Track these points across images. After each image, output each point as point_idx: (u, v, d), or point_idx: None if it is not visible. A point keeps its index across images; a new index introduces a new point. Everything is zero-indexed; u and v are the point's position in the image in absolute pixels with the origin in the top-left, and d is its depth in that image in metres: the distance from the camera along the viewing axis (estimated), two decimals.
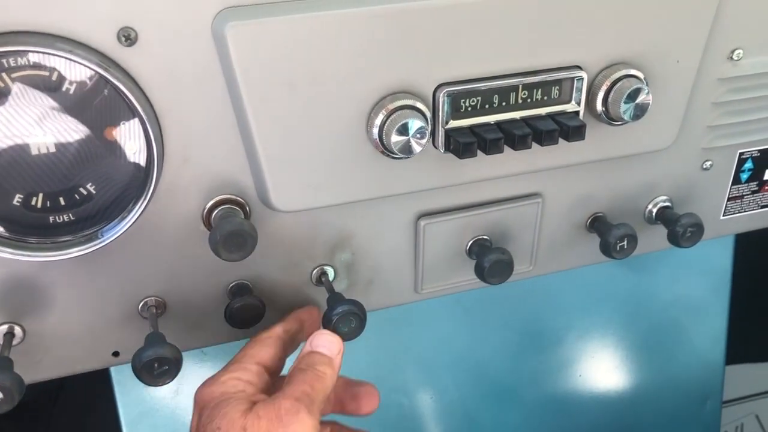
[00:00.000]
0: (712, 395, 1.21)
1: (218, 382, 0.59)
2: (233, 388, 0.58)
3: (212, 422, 0.55)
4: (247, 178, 0.61)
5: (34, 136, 0.54)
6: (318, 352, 0.60)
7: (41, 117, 0.53)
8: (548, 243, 0.76)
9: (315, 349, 0.60)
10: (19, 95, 0.52)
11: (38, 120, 0.53)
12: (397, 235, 0.70)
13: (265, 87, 0.55)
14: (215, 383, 0.59)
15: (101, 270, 0.61)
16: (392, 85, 0.58)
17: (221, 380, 0.59)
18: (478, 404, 1.11)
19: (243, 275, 0.66)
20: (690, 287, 1.16)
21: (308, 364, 0.59)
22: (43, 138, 0.54)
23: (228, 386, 0.58)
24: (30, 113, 0.53)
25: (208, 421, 0.55)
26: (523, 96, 0.62)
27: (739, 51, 0.70)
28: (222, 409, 0.55)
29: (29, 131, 0.54)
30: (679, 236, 0.74)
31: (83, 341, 0.65)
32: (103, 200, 0.58)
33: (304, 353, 0.60)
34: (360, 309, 0.64)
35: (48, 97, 0.53)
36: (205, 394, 0.58)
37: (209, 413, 0.56)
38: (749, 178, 0.81)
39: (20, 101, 0.52)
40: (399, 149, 0.58)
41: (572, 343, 1.14)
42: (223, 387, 0.58)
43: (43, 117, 0.53)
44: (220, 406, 0.56)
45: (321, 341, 0.61)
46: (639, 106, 0.63)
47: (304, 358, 0.60)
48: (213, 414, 0.56)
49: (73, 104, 0.54)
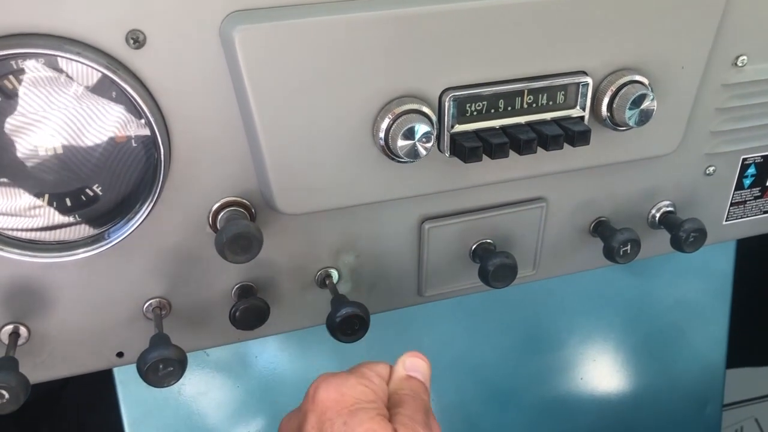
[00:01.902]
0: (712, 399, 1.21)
1: (346, 384, 0.55)
2: (364, 395, 0.55)
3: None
4: (253, 181, 0.61)
5: (42, 138, 0.54)
6: (415, 378, 0.59)
7: (49, 118, 0.54)
8: (552, 247, 0.76)
9: (411, 374, 0.59)
10: (27, 97, 0.52)
11: (46, 121, 0.54)
12: (402, 239, 0.70)
13: (272, 90, 0.56)
14: (344, 386, 0.55)
15: (107, 271, 0.62)
16: (398, 90, 0.59)
17: (349, 383, 0.55)
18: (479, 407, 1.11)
19: (248, 277, 0.67)
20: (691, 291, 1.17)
21: (413, 391, 0.58)
22: (51, 139, 0.54)
23: (358, 391, 0.55)
24: (38, 115, 0.53)
25: (345, 429, 0.52)
26: (529, 101, 0.62)
27: (744, 57, 0.70)
28: (365, 423, 0.52)
29: (37, 132, 0.54)
30: (682, 241, 0.75)
31: (88, 342, 0.65)
32: (110, 202, 0.58)
33: (402, 376, 0.59)
34: (364, 311, 0.64)
35: (56, 98, 0.53)
36: (333, 393, 0.54)
37: (345, 420, 0.52)
38: (752, 184, 0.81)
39: (28, 103, 0.53)
40: (405, 153, 0.58)
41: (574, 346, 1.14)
42: (354, 391, 0.55)
43: (51, 118, 0.54)
44: (358, 415, 0.53)
45: (413, 364, 0.60)
46: (644, 112, 0.64)
47: (405, 383, 0.59)
48: (352, 424, 0.52)
49: (81, 106, 0.54)
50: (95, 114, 0.55)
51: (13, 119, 0.53)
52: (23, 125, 0.53)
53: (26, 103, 0.53)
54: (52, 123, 0.54)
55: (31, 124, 0.53)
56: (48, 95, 0.53)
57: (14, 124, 0.53)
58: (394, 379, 0.59)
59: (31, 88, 0.52)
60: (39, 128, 0.54)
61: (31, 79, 0.52)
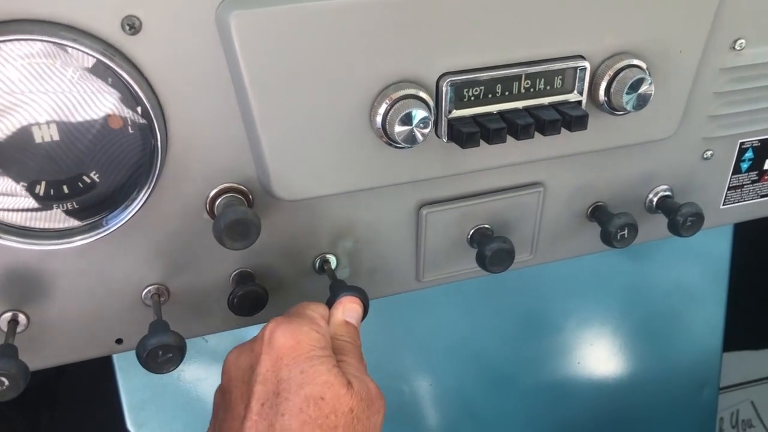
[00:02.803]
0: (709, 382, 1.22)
1: (301, 331, 0.56)
2: (318, 343, 0.56)
3: (312, 386, 0.53)
4: (251, 167, 0.61)
5: (38, 124, 0.54)
6: (351, 324, 0.62)
7: (45, 105, 0.53)
8: (549, 232, 0.77)
9: (348, 320, 0.62)
10: (22, 84, 0.52)
11: (42, 108, 0.53)
12: (399, 224, 0.70)
13: (268, 75, 0.55)
14: (299, 332, 0.56)
15: (105, 258, 0.62)
16: (396, 75, 0.58)
17: (303, 330, 0.56)
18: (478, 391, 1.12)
19: (246, 263, 0.67)
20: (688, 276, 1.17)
21: (351, 338, 0.60)
22: (47, 126, 0.54)
23: (313, 338, 0.56)
24: (34, 101, 0.53)
25: (304, 380, 0.53)
26: (526, 86, 0.62)
27: (742, 41, 0.70)
28: (323, 375, 0.53)
29: (33, 119, 0.54)
30: (679, 225, 0.75)
31: (87, 329, 0.65)
32: (107, 188, 0.58)
33: (340, 321, 0.61)
34: (363, 296, 0.64)
35: (51, 85, 0.53)
36: (289, 340, 0.55)
37: (302, 369, 0.53)
38: (749, 168, 0.81)
39: (24, 90, 0.52)
40: (402, 139, 0.58)
41: (571, 330, 1.14)
42: (309, 339, 0.55)
43: (47, 105, 0.53)
44: (315, 366, 0.54)
45: (350, 310, 0.62)
46: (641, 96, 0.64)
47: (344, 329, 0.61)
48: (310, 374, 0.53)
49: (77, 93, 0.54)
50: (91, 101, 0.54)
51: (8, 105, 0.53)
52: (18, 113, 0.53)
53: (21, 90, 0.52)
54: (47, 110, 0.54)
55: (26, 112, 0.53)
56: (44, 82, 0.53)
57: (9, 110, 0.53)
58: (334, 323, 0.61)
59: (26, 75, 0.52)
60: (35, 116, 0.53)
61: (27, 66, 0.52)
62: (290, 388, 0.53)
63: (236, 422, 0.54)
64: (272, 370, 0.54)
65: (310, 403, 0.52)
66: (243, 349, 0.58)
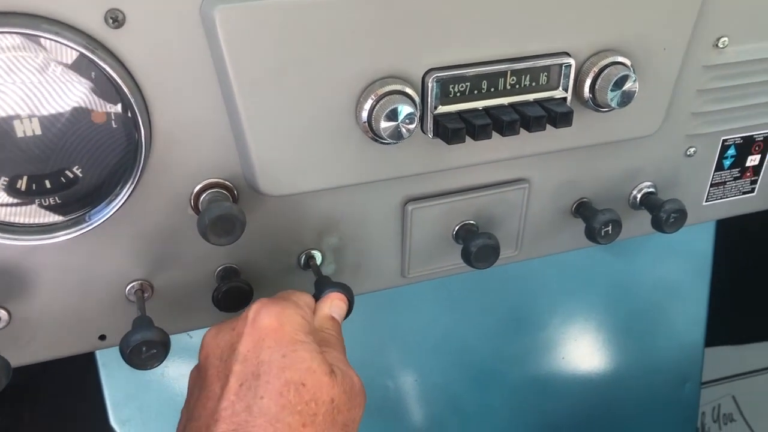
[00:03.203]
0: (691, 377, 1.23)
1: (286, 314, 0.56)
2: (302, 328, 0.56)
3: (293, 371, 0.52)
4: (236, 162, 0.61)
5: (20, 119, 0.53)
6: (336, 319, 0.62)
7: (27, 99, 0.53)
8: (534, 228, 0.77)
9: (335, 316, 0.62)
10: (4, 77, 0.52)
11: (24, 102, 0.53)
12: (385, 220, 0.70)
13: (253, 71, 0.55)
14: (284, 315, 0.55)
15: (88, 254, 0.61)
16: (381, 70, 0.58)
17: (288, 313, 0.56)
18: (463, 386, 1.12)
19: (231, 259, 0.66)
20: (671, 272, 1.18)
21: (336, 332, 0.60)
22: (29, 120, 0.54)
23: (296, 324, 0.56)
24: (15, 95, 0.52)
25: (286, 364, 0.53)
26: (512, 82, 0.62)
27: (725, 39, 0.70)
28: (306, 361, 0.53)
29: (15, 113, 0.53)
30: (662, 222, 0.75)
31: (70, 325, 0.64)
32: (90, 183, 0.58)
33: (327, 315, 0.61)
34: (348, 292, 0.64)
35: (34, 79, 0.52)
36: (274, 322, 0.55)
37: (285, 353, 0.53)
38: (732, 165, 0.82)
39: (5, 83, 0.52)
40: (388, 134, 0.58)
41: (555, 326, 1.15)
42: (293, 323, 0.55)
43: (29, 99, 0.53)
44: (298, 351, 0.53)
45: (340, 309, 0.63)
46: (626, 93, 0.64)
47: (329, 323, 0.61)
48: (292, 358, 0.53)
49: (60, 86, 0.53)
50: (74, 95, 0.54)
51: None
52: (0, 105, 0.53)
53: (3, 84, 0.52)
54: (30, 104, 0.53)
55: (8, 106, 0.53)
56: (25, 75, 0.52)
57: None
58: (320, 317, 0.61)
59: (7, 68, 0.51)
60: (16, 110, 0.53)
61: (8, 59, 0.51)
62: (271, 371, 0.52)
63: (212, 401, 0.53)
64: (253, 351, 0.54)
65: (291, 388, 0.52)
66: (223, 327, 0.58)
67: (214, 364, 0.56)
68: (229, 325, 0.57)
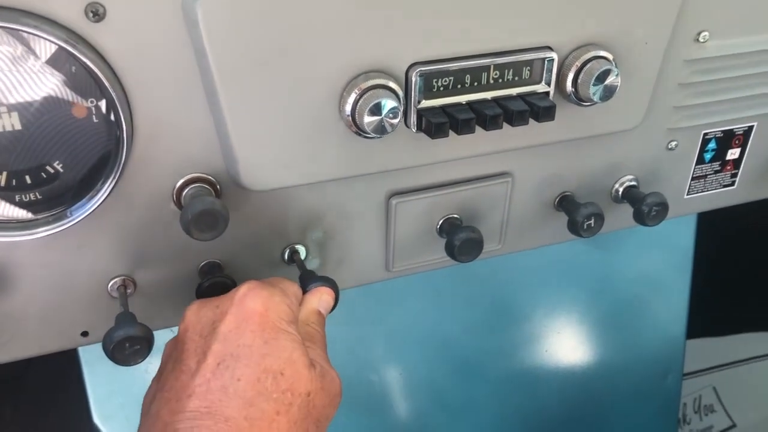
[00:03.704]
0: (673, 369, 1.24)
1: (273, 300, 0.56)
2: (287, 316, 0.56)
3: (273, 358, 0.52)
4: (218, 157, 0.61)
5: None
6: (321, 314, 0.61)
7: (6, 93, 0.52)
8: (517, 222, 0.77)
9: (322, 311, 0.62)
10: None
11: (3, 96, 0.52)
12: (369, 214, 0.70)
13: (236, 64, 0.55)
14: (271, 301, 0.55)
15: (70, 249, 0.61)
16: (365, 64, 0.58)
17: (275, 300, 0.56)
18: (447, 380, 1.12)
19: (214, 254, 0.66)
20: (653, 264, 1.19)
21: (320, 327, 0.60)
22: (8, 115, 0.53)
23: (282, 311, 0.56)
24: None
25: (267, 350, 0.53)
26: (495, 76, 0.62)
27: (705, 33, 0.71)
28: (287, 350, 0.53)
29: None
30: (644, 215, 0.76)
31: (52, 321, 0.64)
32: (71, 179, 0.57)
33: (314, 309, 0.61)
34: (334, 286, 0.64)
35: (13, 73, 0.52)
36: (260, 306, 0.55)
37: (267, 339, 0.53)
38: (712, 158, 0.83)
39: None
40: (372, 129, 0.58)
41: (539, 319, 1.16)
42: (278, 309, 0.55)
43: (8, 93, 0.52)
44: (280, 340, 0.53)
45: (327, 304, 0.63)
46: (608, 88, 0.64)
47: (315, 317, 0.61)
48: (273, 345, 0.53)
49: (40, 81, 0.52)
50: (54, 89, 0.53)
51: None
52: None
53: None
54: (9, 98, 0.52)
55: None
56: (4, 69, 0.51)
57: None
58: (307, 309, 0.61)
59: None
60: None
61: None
62: (251, 355, 0.52)
63: (185, 375, 0.53)
64: (235, 332, 0.54)
65: (269, 375, 0.52)
66: (207, 303, 0.57)
67: (192, 339, 0.55)
68: (214, 303, 0.57)
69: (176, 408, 0.51)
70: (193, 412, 0.50)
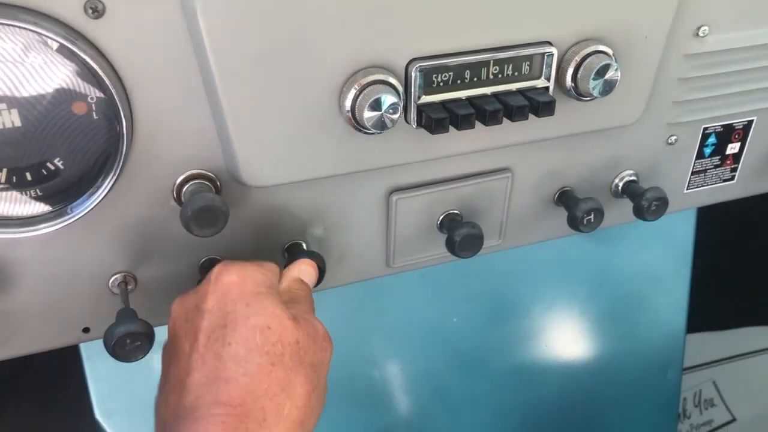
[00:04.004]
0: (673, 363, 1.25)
1: (247, 270, 0.57)
2: (264, 282, 0.57)
3: (258, 316, 0.54)
4: (218, 153, 0.61)
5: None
6: (305, 282, 0.63)
7: (6, 90, 0.52)
8: (517, 217, 0.77)
9: (305, 280, 0.63)
10: None
11: (3, 93, 0.52)
12: (369, 210, 0.70)
13: (235, 60, 0.55)
14: (245, 271, 0.57)
15: (71, 246, 0.61)
16: (364, 60, 0.58)
17: (250, 269, 0.57)
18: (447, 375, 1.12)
19: (214, 250, 0.66)
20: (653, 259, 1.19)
21: (306, 293, 0.62)
22: (8, 112, 0.53)
23: (259, 278, 0.57)
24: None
25: (250, 311, 0.54)
26: (494, 71, 0.62)
27: (705, 28, 0.71)
28: (269, 308, 0.55)
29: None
30: (644, 210, 0.76)
31: (53, 318, 0.64)
32: (72, 175, 0.57)
33: (295, 277, 0.63)
34: (319, 260, 0.65)
35: (13, 70, 0.52)
36: (234, 277, 0.56)
37: (248, 302, 0.55)
38: (712, 153, 0.83)
39: None
40: (371, 125, 0.58)
41: (538, 314, 1.16)
42: (255, 276, 0.57)
43: (8, 90, 0.52)
44: (261, 300, 0.55)
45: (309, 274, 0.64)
46: (607, 82, 0.64)
47: (297, 284, 0.62)
48: (255, 306, 0.54)
49: (39, 78, 0.52)
50: (54, 85, 0.53)
51: None
52: None
53: None
54: (9, 95, 0.52)
55: None
56: (4, 66, 0.51)
57: None
58: (288, 278, 0.63)
59: None
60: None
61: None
62: (237, 320, 0.54)
63: (183, 359, 0.55)
64: (218, 306, 0.55)
65: (257, 331, 0.54)
66: (188, 293, 0.59)
67: (181, 326, 0.57)
68: (193, 290, 0.59)
69: (180, 392, 0.53)
70: (195, 386, 0.53)
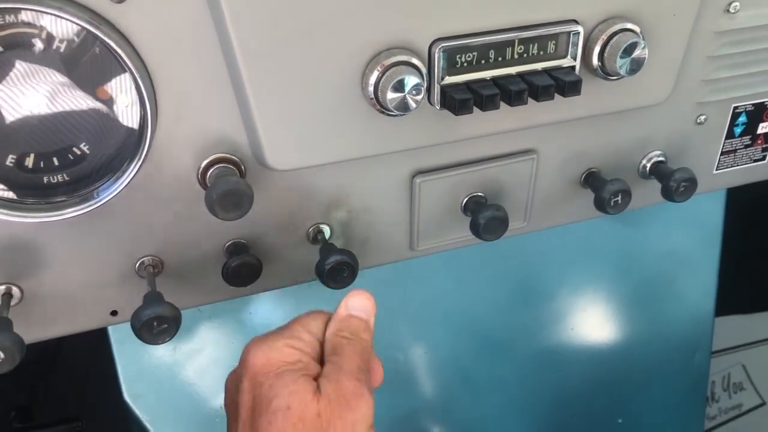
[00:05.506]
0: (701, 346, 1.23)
1: (274, 348, 0.56)
2: (290, 357, 0.56)
3: (279, 398, 0.53)
4: (242, 137, 0.61)
5: (25, 96, 0.53)
6: (356, 317, 0.60)
7: (32, 76, 0.53)
8: (542, 199, 0.77)
9: (352, 312, 0.60)
10: (8, 54, 0.51)
11: (29, 80, 0.53)
12: (393, 193, 0.70)
13: (258, 42, 0.55)
14: (271, 350, 0.56)
15: (97, 230, 0.61)
16: (387, 41, 0.58)
17: (276, 346, 0.57)
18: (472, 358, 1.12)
19: (239, 234, 0.67)
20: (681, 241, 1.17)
21: (352, 333, 0.59)
22: (35, 98, 0.54)
23: (285, 354, 0.56)
24: (20, 73, 0.52)
25: (272, 394, 0.54)
26: (519, 51, 0.62)
27: (736, 4, 0.69)
28: (289, 386, 0.54)
29: (20, 91, 0.53)
30: (672, 191, 0.75)
31: (81, 301, 0.65)
32: (98, 160, 0.58)
33: (342, 317, 0.60)
34: (352, 258, 0.65)
35: (38, 56, 0.52)
36: (260, 359, 0.56)
37: (271, 384, 0.54)
38: (742, 132, 0.81)
39: (10, 61, 0.52)
40: (395, 106, 0.58)
41: (564, 297, 1.15)
42: (280, 355, 0.56)
43: (34, 76, 0.53)
44: (283, 378, 0.54)
45: (357, 303, 0.61)
46: (635, 61, 0.63)
47: (345, 324, 0.59)
48: (277, 387, 0.54)
49: (64, 63, 0.53)
50: (79, 71, 0.53)
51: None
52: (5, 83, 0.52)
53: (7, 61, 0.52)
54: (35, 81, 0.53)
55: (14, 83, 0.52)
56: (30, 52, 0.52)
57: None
58: (335, 321, 0.60)
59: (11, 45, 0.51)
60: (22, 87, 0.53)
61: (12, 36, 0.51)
62: (262, 404, 0.54)
63: (236, 424, 0.57)
64: (248, 390, 0.56)
65: (278, 414, 0.53)
66: (233, 371, 0.60)
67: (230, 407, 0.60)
68: (236, 370, 0.60)
69: None
70: None
